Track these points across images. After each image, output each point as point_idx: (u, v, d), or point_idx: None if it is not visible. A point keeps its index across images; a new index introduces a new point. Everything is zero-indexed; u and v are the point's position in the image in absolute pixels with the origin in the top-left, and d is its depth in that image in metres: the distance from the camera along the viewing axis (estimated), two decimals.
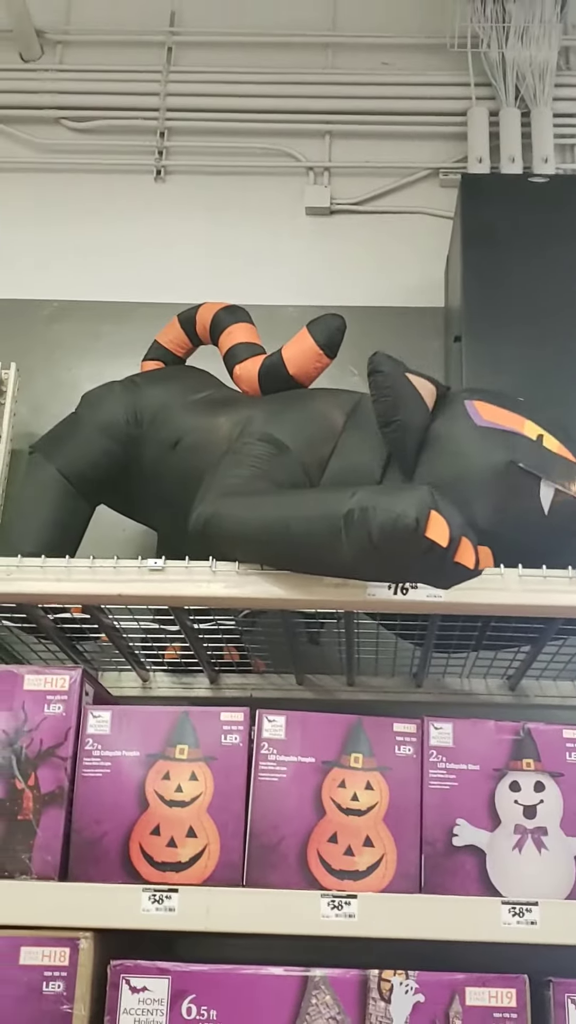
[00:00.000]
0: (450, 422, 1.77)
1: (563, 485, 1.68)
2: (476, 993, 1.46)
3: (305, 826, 1.57)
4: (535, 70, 2.90)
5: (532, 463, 1.69)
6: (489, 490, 1.67)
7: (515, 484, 1.68)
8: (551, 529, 1.69)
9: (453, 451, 1.74)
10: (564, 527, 1.70)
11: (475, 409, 1.77)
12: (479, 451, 1.72)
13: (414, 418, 1.74)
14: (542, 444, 1.72)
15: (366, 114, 3.04)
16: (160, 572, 1.65)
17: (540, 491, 1.68)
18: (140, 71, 3.11)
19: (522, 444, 1.71)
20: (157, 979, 1.48)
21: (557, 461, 1.71)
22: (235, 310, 2.30)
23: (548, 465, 1.70)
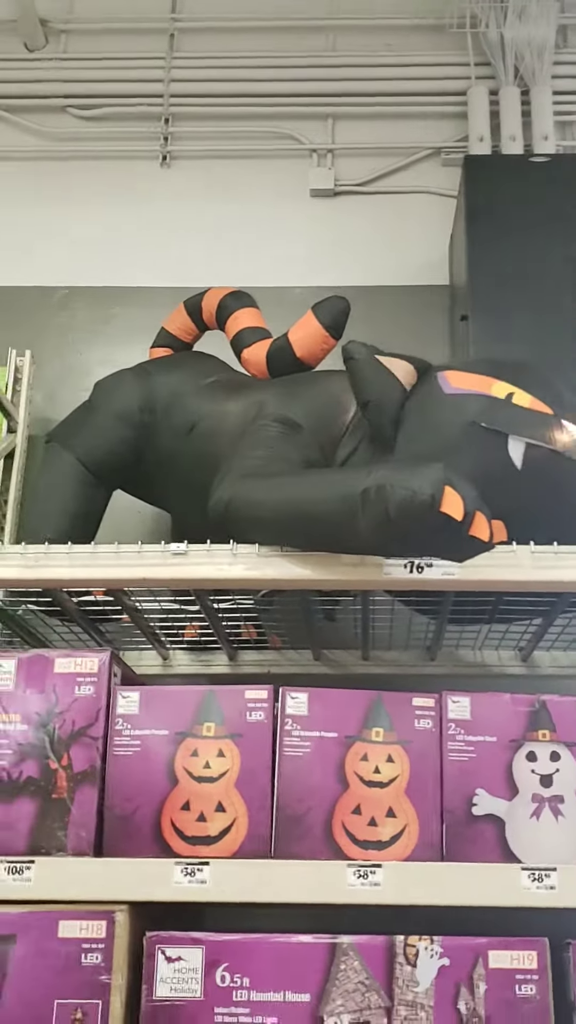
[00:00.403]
0: (422, 395, 1.81)
1: (535, 437, 1.68)
2: (499, 956, 1.51)
3: (330, 798, 1.62)
4: (533, 49, 2.92)
5: (496, 421, 1.70)
6: (458, 454, 1.67)
7: (481, 443, 1.70)
8: (529, 483, 1.69)
9: (423, 422, 1.78)
10: (540, 479, 1.69)
11: (445, 378, 1.80)
12: (444, 418, 1.75)
13: (386, 396, 1.79)
14: (510, 401, 1.72)
15: (368, 95, 3.06)
16: (183, 556, 1.69)
17: (509, 447, 1.69)
18: (143, 58, 3.14)
19: (486, 404, 1.72)
20: (191, 948, 1.53)
21: (526, 415, 1.71)
22: (240, 295, 2.33)
23: (515, 420, 1.70)
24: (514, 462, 1.68)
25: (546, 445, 1.68)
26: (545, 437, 1.68)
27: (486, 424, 1.70)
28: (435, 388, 1.79)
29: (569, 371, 2.32)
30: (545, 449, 1.68)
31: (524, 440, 1.68)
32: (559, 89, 2.98)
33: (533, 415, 1.70)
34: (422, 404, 1.80)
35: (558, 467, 1.68)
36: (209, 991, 1.51)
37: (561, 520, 1.70)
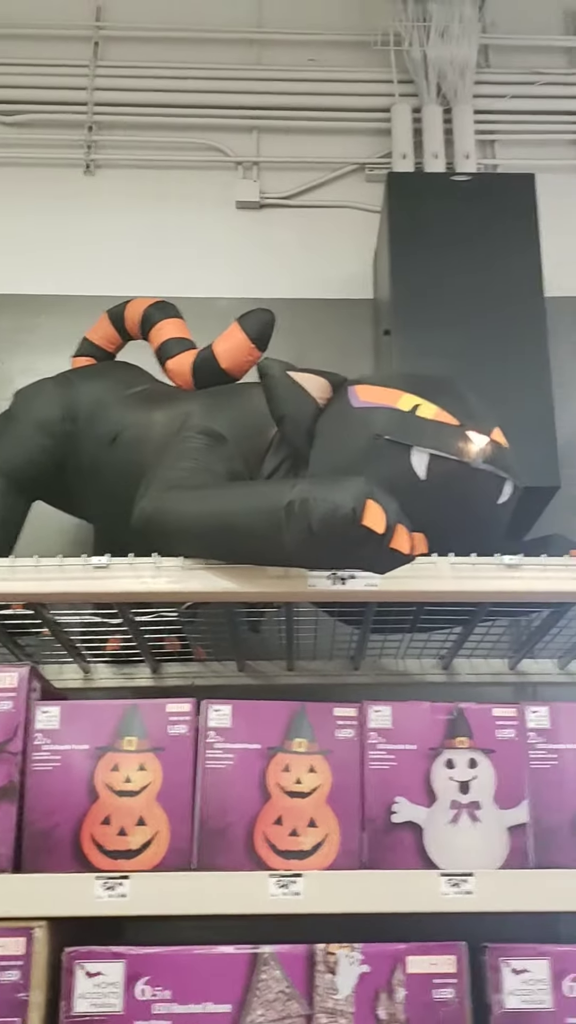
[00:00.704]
0: (333, 410, 1.84)
1: (438, 448, 1.70)
2: (417, 961, 1.54)
3: (251, 810, 1.63)
4: (455, 68, 2.97)
5: (399, 433, 1.72)
6: (361, 466, 1.69)
7: (384, 456, 1.72)
8: (434, 494, 1.71)
9: (332, 437, 1.81)
10: (445, 490, 1.71)
11: (354, 392, 1.82)
12: (351, 432, 1.78)
13: (300, 412, 1.83)
14: (414, 413, 1.74)
15: (293, 110, 3.07)
16: (105, 569, 1.68)
17: (412, 458, 1.71)
18: (67, 65, 3.11)
19: (391, 416, 1.75)
20: (111, 963, 1.53)
21: (431, 427, 1.73)
22: (164, 306, 2.33)
23: (418, 432, 1.72)
24: (418, 473, 1.71)
25: (450, 456, 1.70)
26: (449, 448, 1.71)
27: (389, 436, 1.72)
28: (344, 402, 1.82)
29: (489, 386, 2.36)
30: (450, 460, 1.70)
31: (427, 451, 1.70)
32: (480, 108, 3.04)
33: (437, 426, 1.73)
34: (332, 418, 1.82)
35: (463, 478, 1.71)
36: (129, 1005, 1.51)
37: (468, 530, 1.74)
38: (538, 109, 3.09)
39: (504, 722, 1.70)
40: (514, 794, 1.65)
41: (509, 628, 2.22)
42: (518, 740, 1.68)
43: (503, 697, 2.42)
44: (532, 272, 2.51)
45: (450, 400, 1.78)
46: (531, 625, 2.15)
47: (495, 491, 1.76)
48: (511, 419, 2.31)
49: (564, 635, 2.12)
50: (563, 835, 1.63)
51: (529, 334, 2.45)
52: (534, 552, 1.74)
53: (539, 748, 1.68)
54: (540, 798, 1.65)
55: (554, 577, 1.69)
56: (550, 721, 1.69)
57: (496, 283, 2.50)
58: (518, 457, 2.24)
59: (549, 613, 2.01)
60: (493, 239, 2.53)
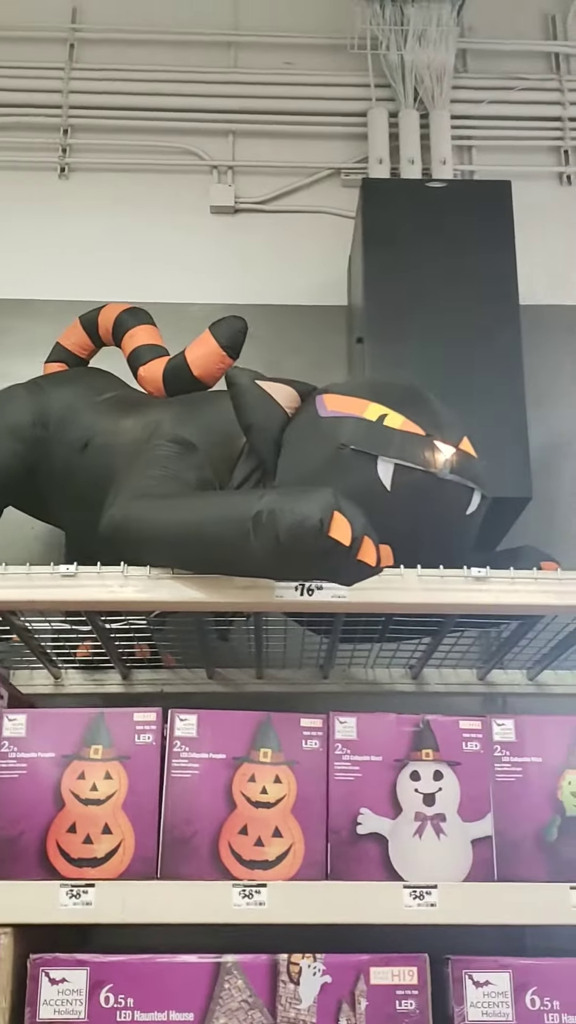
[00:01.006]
0: (300, 420, 1.84)
1: (404, 459, 1.69)
2: (380, 972, 1.54)
3: (216, 820, 1.64)
4: (433, 72, 2.97)
5: (365, 443, 1.71)
6: (327, 477, 1.69)
7: (349, 465, 1.71)
8: (400, 505, 1.70)
9: (299, 447, 1.80)
10: (412, 501, 1.70)
11: (322, 401, 1.82)
12: (315, 442, 1.77)
13: (268, 421, 1.82)
14: (381, 423, 1.74)
15: (269, 113, 3.07)
16: (72, 578, 1.68)
17: (378, 469, 1.70)
18: (42, 67, 3.09)
19: (357, 426, 1.74)
20: (76, 970, 1.53)
21: (397, 437, 1.72)
22: (137, 312, 2.33)
23: (384, 442, 1.71)
24: (384, 484, 1.70)
25: (416, 466, 1.70)
26: (415, 458, 1.70)
27: (355, 446, 1.72)
28: (312, 412, 1.82)
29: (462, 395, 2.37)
30: (416, 471, 1.70)
31: (393, 461, 1.70)
32: (457, 113, 3.04)
33: (404, 436, 1.72)
34: (299, 428, 1.82)
35: (430, 488, 1.71)
36: (93, 1013, 1.51)
37: (436, 541, 1.74)
38: (516, 115, 3.09)
39: (470, 735, 1.70)
40: (479, 807, 1.66)
41: (478, 639, 2.23)
42: (484, 753, 1.69)
43: (472, 707, 2.43)
44: (507, 280, 2.51)
45: (418, 410, 1.78)
46: (500, 636, 2.16)
47: (463, 502, 1.75)
48: (483, 429, 2.32)
49: (533, 646, 2.13)
50: (527, 848, 1.64)
51: (503, 343, 2.46)
52: (504, 564, 1.74)
53: (504, 761, 1.69)
54: (505, 811, 1.66)
55: (522, 590, 1.70)
56: (516, 734, 1.70)
57: (471, 291, 2.50)
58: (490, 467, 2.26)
59: (518, 625, 2.01)
60: (468, 246, 2.53)
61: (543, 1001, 1.53)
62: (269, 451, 1.83)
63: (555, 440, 2.70)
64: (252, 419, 1.83)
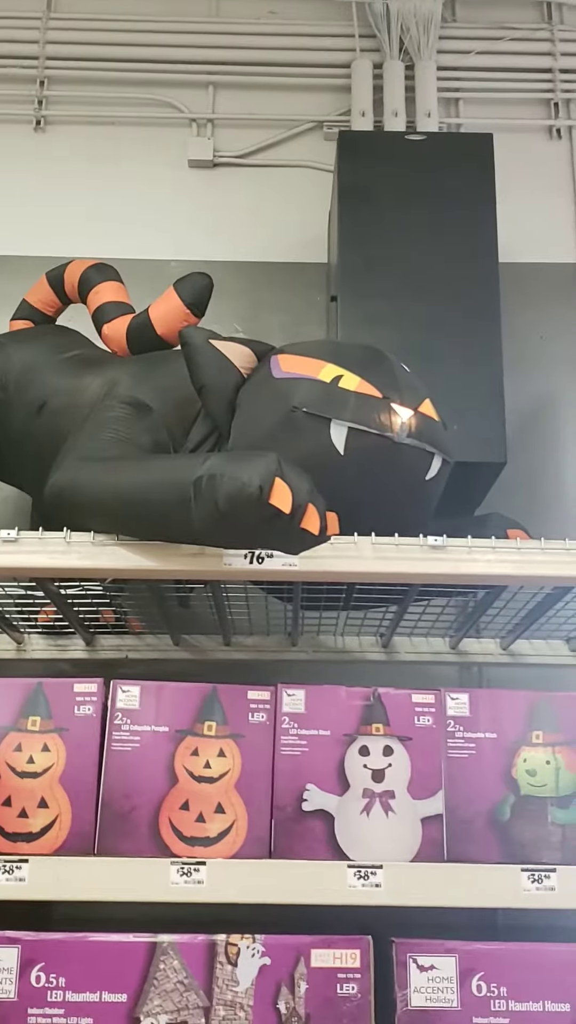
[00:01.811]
0: (253, 381, 1.77)
1: (358, 421, 1.62)
2: (321, 955, 1.49)
3: (157, 794, 1.59)
4: (419, 22, 2.86)
5: (317, 405, 1.65)
6: (281, 440, 1.63)
7: (301, 429, 1.65)
8: (353, 469, 1.64)
9: (250, 408, 1.74)
10: (365, 465, 1.64)
11: (276, 362, 1.75)
12: (268, 403, 1.70)
13: (221, 382, 1.76)
14: (336, 385, 1.67)
15: (251, 65, 2.96)
16: (13, 543, 1.62)
17: (331, 432, 1.63)
18: (19, 18, 2.99)
19: (310, 388, 1.67)
20: (6, 948, 1.49)
21: (351, 399, 1.65)
22: (103, 268, 2.26)
23: (338, 404, 1.64)
24: (336, 448, 1.63)
25: (370, 430, 1.62)
26: (370, 421, 1.63)
27: (307, 409, 1.65)
28: (266, 373, 1.75)
29: (437, 356, 2.29)
30: (370, 434, 1.62)
31: (346, 424, 1.62)
32: (444, 64, 2.92)
33: (359, 398, 1.65)
34: (252, 390, 1.75)
35: (385, 452, 1.63)
36: (23, 992, 1.48)
37: (393, 507, 1.67)
38: (506, 66, 2.97)
39: (422, 709, 1.64)
40: (429, 784, 1.60)
41: (450, 607, 2.16)
42: (436, 728, 1.63)
43: (448, 676, 2.37)
44: (487, 236, 2.41)
45: (376, 371, 1.70)
46: (468, 605, 2.09)
47: (421, 467, 1.68)
48: (458, 390, 2.27)
49: (504, 615, 2.06)
50: (478, 827, 1.58)
51: (481, 302, 2.37)
52: (471, 532, 1.67)
53: (458, 737, 1.62)
54: (456, 789, 1.60)
55: (480, 560, 1.63)
56: (470, 709, 1.64)
57: (449, 248, 2.40)
58: (463, 431, 2.19)
59: (485, 594, 1.94)
60: (448, 202, 2.43)
61: (489, 987, 1.48)
62: (222, 413, 1.76)
63: (533, 404, 2.61)
64: (205, 379, 1.76)
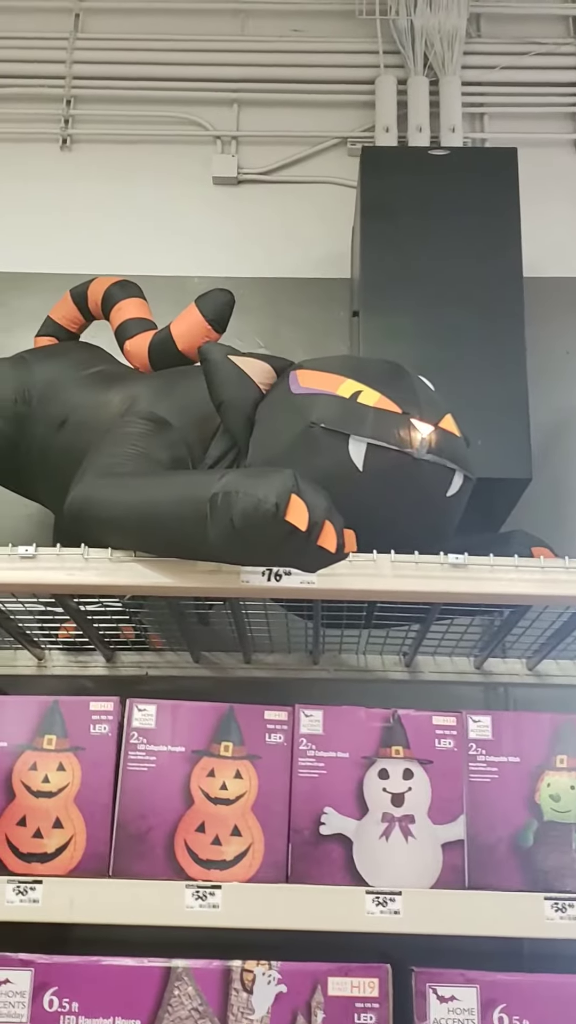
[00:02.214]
0: (272, 397, 1.75)
1: (377, 437, 1.60)
2: (338, 983, 1.46)
3: (173, 816, 1.56)
4: (444, 38, 2.84)
5: (335, 421, 1.63)
6: (299, 456, 1.61)
7: (319, 445, 1.63)
8: (373, 486, 1.62)
9: (269, 424, 1.72)
10: (385, 481, 1.61)
11: (295, 377, 1.73)
12: (284, 419, 1.69)
13: (240, 398, 1.75)
14: (355, 400, 1.64)
15: (275, 82, 2.97)
16: (32, 560, 1.61)
17: (349, 448, 1.61)
18: (47, 38, 3.02)
19: (328, 403, 1.65)
20: (19, 971, 1.47)
21: (370, 414, 1.62)
22: (127, 285, 2.26)
23: (356, 420, 1.62)
24: (355, 464, 1.61)
25: (389, 445, 1.60)
26: (389, 437, 1.60)
27: (325, 424, 1.63)
28: (284, 388, 1.73)
29: (461, 371, 2.27)
30: (390, 450, 1.60)
31: (365, 440, 1.60)
32: (469, 80, 2.91)
33: (378, 414, 1.63)
34: (271, 405, 1.74)
35: (405, 469, 1.61)
36: (36, 1016, 1.45)
37: (413, 524, 1.64)
38: (531, 81, 2.95)
39: (443, 731, 1.60)
40: (450, 809, 1.56)
41: (473, 626, 2.13)
42: (457, 751, 1.59)
43: (472, 697, 2.34)
44: (511, 251, 2.39)
45: (396, 387, 1.68)
46: (493, 624, 2.05)
47: (442, 483, 1.66)
48: (483, 406, 2.25)
49: (529, 635, 2.03)
50: (500, 854, 1.54)
51: (505, 317, 2.34)
52: (495, 549, 1.64)
53: (480, 760, 1.59)
54: (478, 814, 1.56)
55: (503, 578, 1.60)
56: (492, 731, 1.60)
57: (473, 262, 2.38)
58: (487, 447, 2.16)
59: (509, 613, 1.91)
60: (471, 216, 2.41)
61: (512, 1019, 1.44)
62: (241, 429, 1.75)
63: (558, 419, 2.57)
64: (224, 395, 1.75)
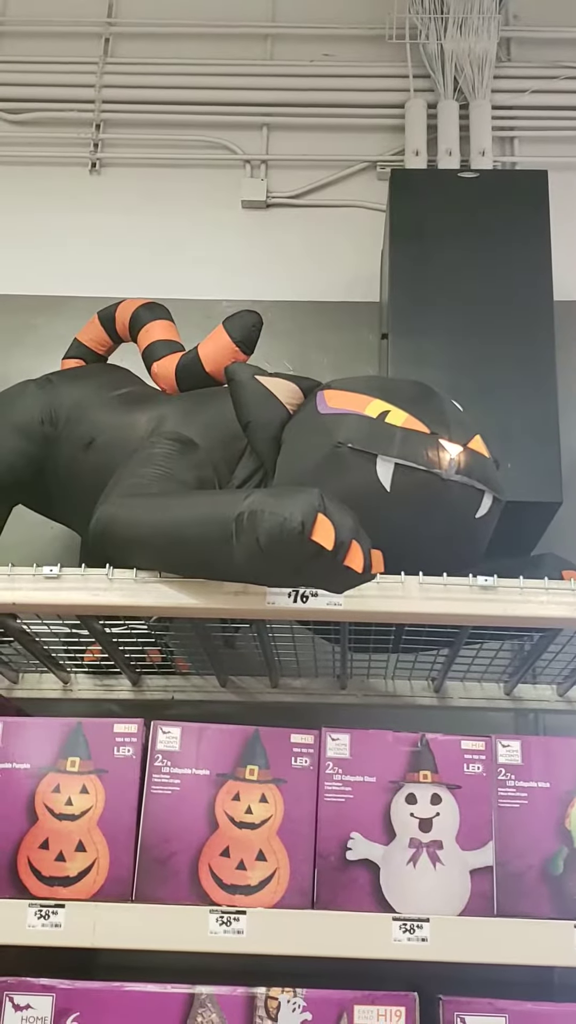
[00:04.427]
0: (299, 417, 1.75)
1: (405, 458, 1.58)
2: (365, 1012, 1.43)
3: (197, 840, 1.54)
4: (474, 62, 2.85)
5: (363, 441, 1.61)
6: (325, 476, 1.60)
7: (347, 465, 1.61)
8: (400, 506, 1.60)
9: (295, 445, 1.71)
10: (412, 502, 1.60)
11: (323, 398, 1.72)
12: (314, 439, 1.67)
13: (267, 418, 1.74)
14: (383, 420, 1.63)
15: (304, 106, 2.99)
16: (56, 580, 1.60)
17: (377, 468, 1.60)
18: (77, 62, 3.06)
19: (356, 424, 1.64)
20: (41, 996, 1.45)
21: (398, 434, 1.61)
22: (154, 307, 2.26)
23: (384, 440, 1.60)
24: (383, 484, 1.59)
25: (417, 466, 1.59)
26: (417, 457, 1.59)
27: (352, 444, 1.61)
28: (311, 408, 1.72)
29: (490, 394, 2.26)
30: (418, 471, 1.58)
31: (393, 461, 1.59)
32: (499, 104, 2.91)
33: (406, 434, 1.61)
34: (298, 425, 1.73)
35: (433, 490, 1.59)
36: None
37: (441, 546, 1.62)
38: (561, 104, 2.96)
39: (472, 756, 1.57)
40: (479, 835, 1.53)
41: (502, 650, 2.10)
42: (486, 776, 1.56)
43: (502, 723, 2.31)
44: (541, 274, 2.38)
45: (425, 407, 1.66)
46: (523, 649, 2.03)
47: (471, 505, 1.63)
48: (512, 429, 2.23)
49: (560, 660, 2.00)
50: (530, 881, 1.51)
51: (535, 340, 2.33)
52: (524, 572, 1.61)
53: (509, 786, 1.55)
54: (507, 840, 1.53)
55: (533, 601, 1.57)
56: (521, 757, 1.57)
57: (502, 285, 2.37)
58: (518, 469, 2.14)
59: (539, 637, 1.89)
60: (501, 239, 2.41)
61: None
62: (268, 449, 1.75)
63: None
64: (251, 416, 1.75)
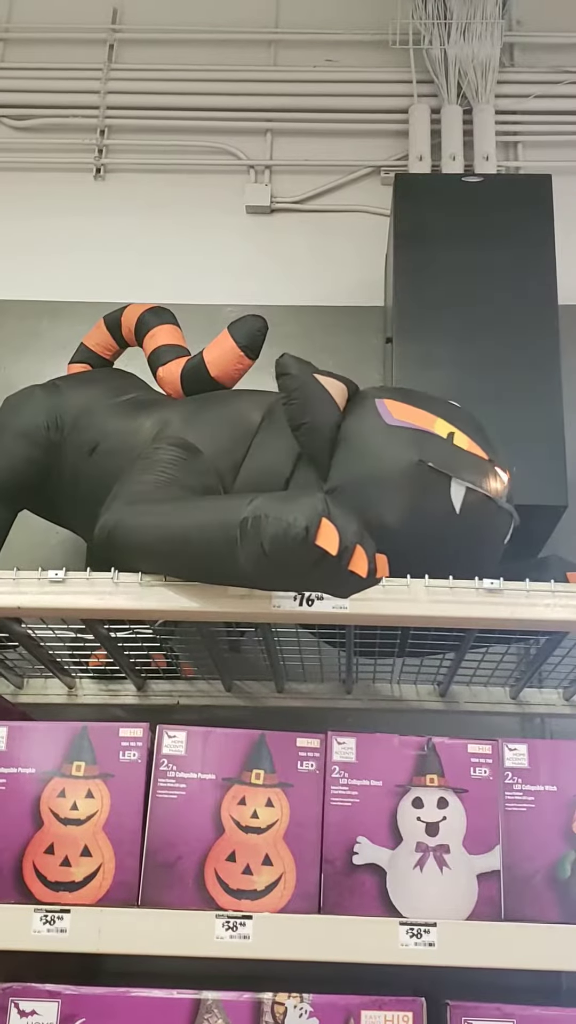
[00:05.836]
0: (361, 421, 1.75)
1: (474, 483, 1.67)
2: (372, 1017, 1.43)
3: (203, 844, 1.53)
4: (477, 67, 2.86)
5: (442, 462, 1.67)
6: (399, 490, 1.66)
7: (425, 483, 1.66)
8: (464, 528, 1.67)
9: (363, 451, 1.72)
10: (476, 525, 1.68)
11: (386, 408, 1.74)
12: (389, 451, 1.70)
13: (324, 419, 1.73)
14: (452, 442, 1.70)
15: (308, 111, 2.99)
16: (61, 584, 1.61)
17: (451, 490, 1.66)
18: (81, 68, 3.06)
19: (432, 442, 1.69)
20: (46, 1002, 1.45)
21: (467, 459, 1.69)
22: (160, 312, 2.26)
23: (458, 463, 1.68)
24: (454, 506, 1.66)
25: (483, 491, 1.67)
26: (484, 483, 1.68)
27: (432, 464, 1.66)
28: (374, 416, 1.74)
29: (496, 399, 2.25)
30: (481, 495, 1.67)
31: (465, 484, 1.66)
32: (502, 108, 2.92)
33: (473, 459, 1.69)
34: (363, 430, 1.74)
35: (489, 514, 1.69)
36: None
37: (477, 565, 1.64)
38: (565, 109, 2.95)
39: (479, 759, 1.57)
40: (486, 839, 1.53)
41: (508, 654, 2.09)
42: (493, 780, 1.56)
43: (508, 727, 2.30)
44: (546, 279, 2.38)
45: (475, 431, 1.75)
46: (529, 653, 2.02)
47: (505, 529, 1.74)
48: (519, 434, 2.22)
49: (566, 664, 2.00)
50: (537, 885, 1.50)
51: (540, 344, 2.33)
52: (531, 575, 1.61)
53: (516, 789, 1.55)
54: (514, 844, 1.52)
55: (539, 604, 1.57)
56: (528, 760, 1.57)
57: (507, 290, 2.37)
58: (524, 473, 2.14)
59: (545, 641, 1.88)
60: (505, 243, 2.40)
61: None
62: (323, 450, 1.74)
63: None
64: (308, 417, 1.73)
